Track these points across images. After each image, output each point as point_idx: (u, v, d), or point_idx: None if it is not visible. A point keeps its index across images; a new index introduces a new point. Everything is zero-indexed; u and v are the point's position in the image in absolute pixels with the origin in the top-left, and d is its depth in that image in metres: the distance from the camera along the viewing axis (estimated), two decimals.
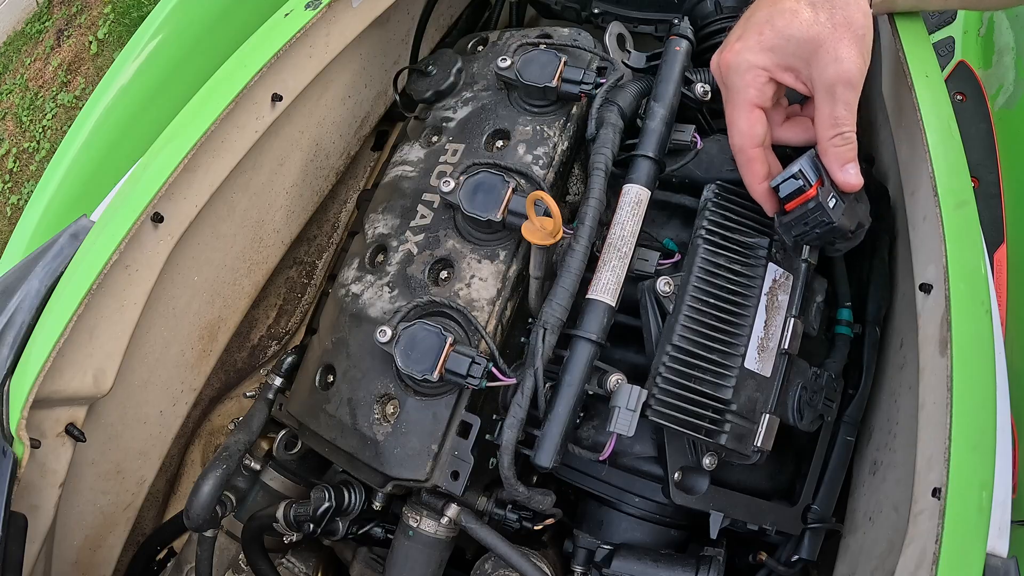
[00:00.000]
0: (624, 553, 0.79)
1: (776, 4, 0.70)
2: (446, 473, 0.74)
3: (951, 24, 1.39)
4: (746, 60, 0.71)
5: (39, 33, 3.53)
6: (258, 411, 0.92)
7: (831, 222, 0.70)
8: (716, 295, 0.75)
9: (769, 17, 0.70)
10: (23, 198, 3.18)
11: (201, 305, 0.98)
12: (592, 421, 0.82)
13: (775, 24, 0.69)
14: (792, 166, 0.70)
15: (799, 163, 0.70)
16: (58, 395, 0.78)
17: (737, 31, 0.73)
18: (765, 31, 0.70)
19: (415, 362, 0.72)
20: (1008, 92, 1.25)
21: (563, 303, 0.73)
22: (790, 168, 0.70)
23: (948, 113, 0.78)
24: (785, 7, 0.69)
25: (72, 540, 0.91)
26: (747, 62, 0.70)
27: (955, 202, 0.73)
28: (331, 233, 1.23)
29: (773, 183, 0.71)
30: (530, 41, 0.90)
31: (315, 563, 0.98)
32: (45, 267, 0.82)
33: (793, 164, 0.70)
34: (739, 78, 0.71)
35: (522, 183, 0.80)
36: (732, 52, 0.72)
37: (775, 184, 0.71)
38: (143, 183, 0.81)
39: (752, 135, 0.72)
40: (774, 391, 0.75)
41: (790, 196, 0.71)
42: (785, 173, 0.70)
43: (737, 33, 0.73)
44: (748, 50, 0.70)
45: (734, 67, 0.71)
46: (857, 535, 0.81)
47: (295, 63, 0.91)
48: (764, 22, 0.70)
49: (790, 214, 0.72)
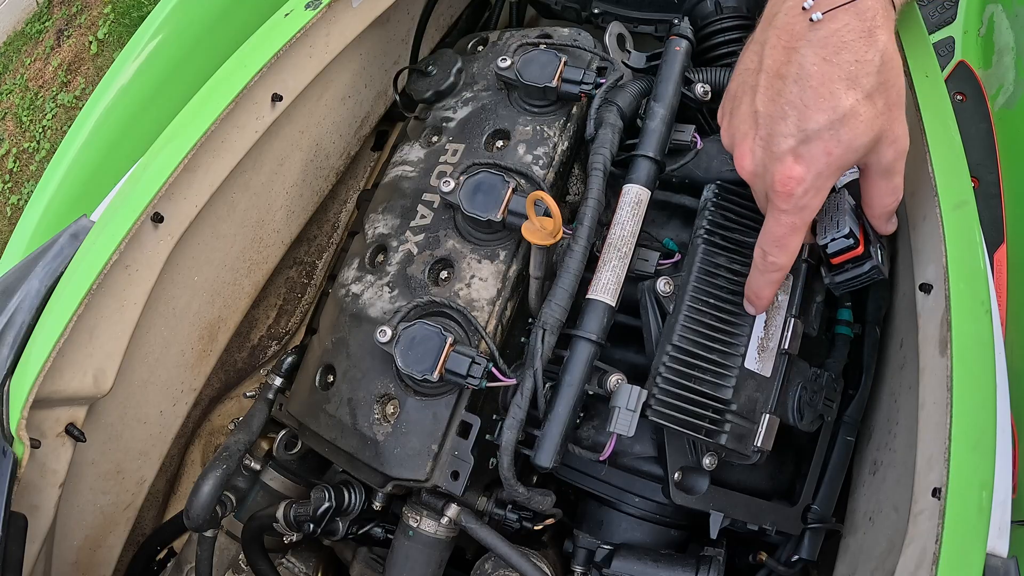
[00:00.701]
0: (624, 553, 0.79)
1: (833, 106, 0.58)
2: (446, 473, 0.74)
3: (951, 24, 1.39)
4: (820, 186, 0.61)
5: (39, 33, 3.53)
6: (258, 411, 0.92)
7: (882, 275, 0.71)
8: (716, 295, 0.75)
9: (832, 127, 0.58)
10: (23, 198, 3.18)
11: (201, 305, 0.98)
12: (592, 421, 0.82)
13: (841, 138, 0.58)
14: (839, 226, 0.68)
15: (847, 223, 0.68)
16: (58, 395, 0.78)
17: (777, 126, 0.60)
18: (833, 149, 0.59)
19: (415, 362, 0.72)
20: (1008, 92, 1.25)
21: (563, 303, 0.73)
22: (836, 227, 0.69)
23: (948, 113, 0.78)
24: (844, 108, 0.58)
25: (72, 540, 0.91)
26: (815, 189, 0.60)
27: (955, 202, 0.73)
28: (331, 233, 1.23)
29: (821, 241, 0.70)
30: (530, 41, 0.90)
31: (315, 563, 0.98)
32: (45, 267, 0.82)
33: (839, 223, 0.69)
34: (809, 201, 0.61)
35: (522, 183, 0.80)
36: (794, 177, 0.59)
37: (823, 243, 0.70)
38: (143, 183, 0.81)
39: (794, 254, 0.66)
40: (774, 391, 0.75)
41: (837, 253, 0.70)
42: (832, 231, 0.69)
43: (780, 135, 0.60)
44: (819, 177, 0.60)
45: (798, 195, 0.60)
46: (857, 535, 0.81)
47: (295, 63, 0.91)
48: (828, 133, 0.58)
49: (841, 271, 0.71)
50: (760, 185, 0.65)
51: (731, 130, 0.68)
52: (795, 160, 0.60)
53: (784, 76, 0.60)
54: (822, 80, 0.58)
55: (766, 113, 0.62)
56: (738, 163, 0.65)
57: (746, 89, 0.65)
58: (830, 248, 0.70)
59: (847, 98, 0.58)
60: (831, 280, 0.73)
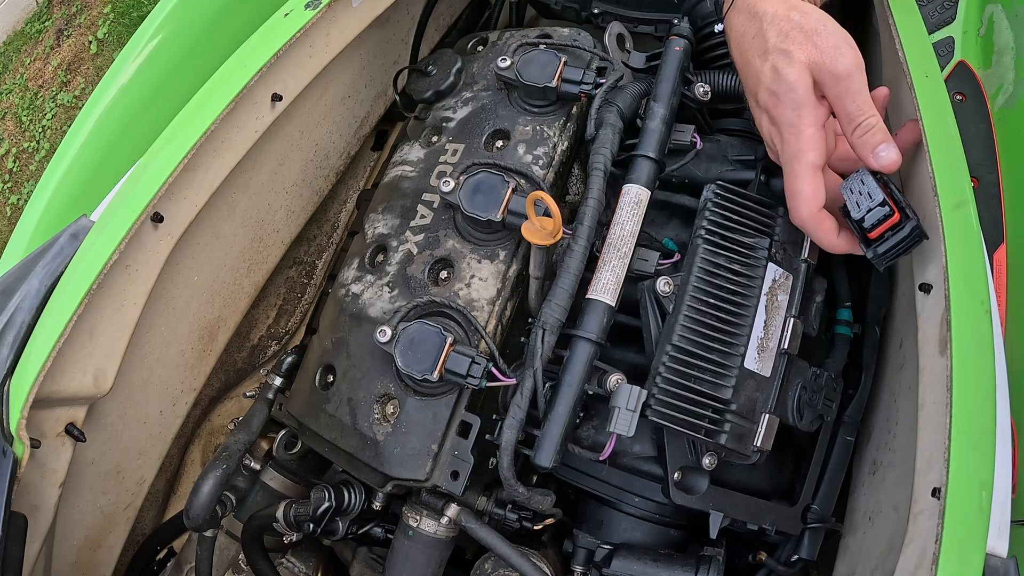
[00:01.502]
0: (624, 553, 0.79)
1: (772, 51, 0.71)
2: (446, 473, 0.74)
3: (951, 24, 1.39)
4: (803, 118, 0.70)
5: (39, 33, 3.53)
6: (258, 411, 0.92)
7: (924, 236, 0.70)
8: (716, 295, 0.75)
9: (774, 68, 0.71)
10: (23, 198, 3.18)
11: (201, 305, 0.98)
12: (592, 421, 0.82)
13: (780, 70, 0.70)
14: (871, 195, 0.69)
15: (879, 192, 0.69)
16: (58, 395, 0.78)
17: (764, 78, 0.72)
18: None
19: (415, 362, 0.72)
20: (1008, 92, 1.25)
21: (563, 303, 0.73)
22: (869, 198, 0.69)
23: (948, 113, 0.78)
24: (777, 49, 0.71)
25: (72, 540, 0.91)
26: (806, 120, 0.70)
27: (955, 202, 0.73)
28: (331, 233, 1.23)
29: (856, 216, 0.70)
30: (530, 41, 0.90)
31: (315, 563, 0.98)
32: (45, 267, 0.82)
33: (870, 194, 0.69)
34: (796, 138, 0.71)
35: (522, 183, 0.80)
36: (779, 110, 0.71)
37: (859, 217, 0.70)
38: (143, 183, 0.81)
39: (818, 199, 0.71)
40: (774, 391, 0.75)
41: (876, 224, 0.70)
42: (866, 203, 0.69)
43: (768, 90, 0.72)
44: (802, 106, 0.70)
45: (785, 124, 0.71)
46: (857, 535, 0.81)
47: (295, 63, 0.91)
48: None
49: (882, 241, 0.70)
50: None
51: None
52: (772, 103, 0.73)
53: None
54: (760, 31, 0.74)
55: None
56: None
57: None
58: (867, 220, 0.69)
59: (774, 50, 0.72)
60: (874, 254, 0.71)
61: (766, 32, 0.72)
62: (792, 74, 0.70)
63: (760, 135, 0.77)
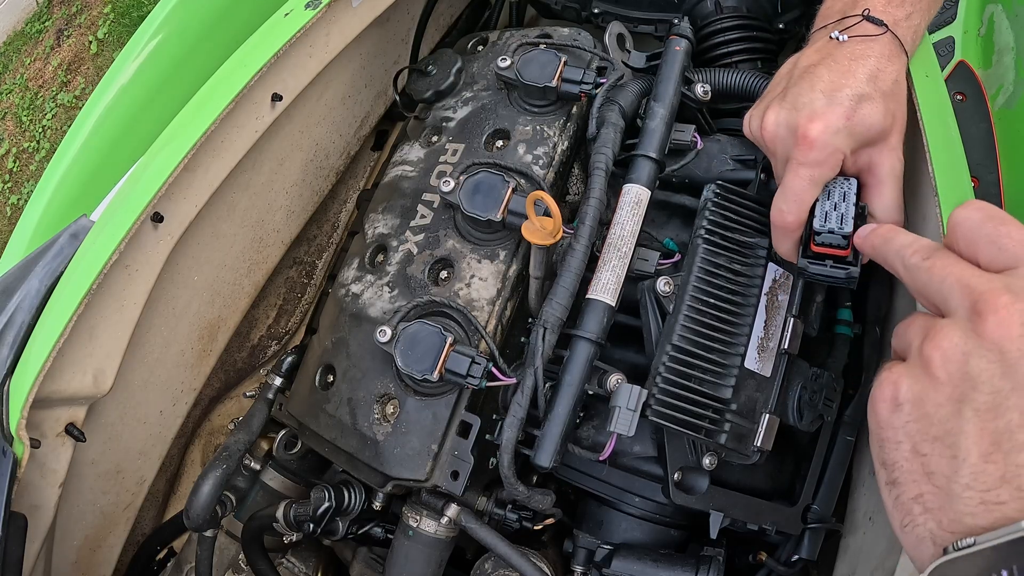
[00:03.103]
0: (624, 553, 0.79)
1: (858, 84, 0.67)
2: (446, 473, 0.74)
3: (951, 24, 1.39)
4: (835, 143, 0.67)
5: (39, 33, 3.53)
6: (258, 411, 0.92)
7: (852, 287, 0.70)
8: (716, 295, 0.75)
9: (853, 98, 0.67)
10: (23, 198, 3.18)
11: (201, 305, 0.98)
12: (592, 421, 0.82)
13: (859, 110, 0.67)
14: (842, 221, 0.68)
15: (851, 224, 0.67)
16: (58, 395, 0.78)
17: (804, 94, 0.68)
18: (852, 115, 0.67)
19: (415, 362, 0.72)
20: (1008, 92, 1.25)
21: (563, 303, 0.73)
22: (840, 222, 0.68)
23: (948, 113, 0.78)
24: (866, 89, 0.67)
25: (72, 540, 0.91)
26: (834, 146, 0.67)
27: (955, 202, 0.73)
28: (331, 233, 1.23)
29: (817, 225, 0.69)
30: (530, 41, 0.90)
31: (315, 563, 0.98)
32: (45, 267, 0.82)
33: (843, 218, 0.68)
34: (825, 157, 0.68)
35: (522, 183, 0.80)
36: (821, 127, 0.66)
37: (818, 228, 0.68)
38: (143, 183, 0.81)
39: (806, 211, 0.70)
40: (774, 391, 0.75)
41: (824, 244, 0.69)
42: (831, 221, 0.68)
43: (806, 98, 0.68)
44: (837, 133, 0.67)
45: (821, 145, 0.67)
46: (857, 535, 0.81)
47: (295, 63, 0.91)
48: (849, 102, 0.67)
49: (818, 262, 0.70)
50: (781, 147, 0.70)
51: (756, 109, 0.74)
52: (819, 116, 0.67)
53: (816, 65, 0.70)
54: (849, 69, 0.68)
55: (795, 87, 0.70)
56: (762, 124, 0.71)
57: (777, 83, 0.74)
58: (820, 238, 0.68)
59: (868, 86, 0.67)
60: (803, 264, 0.71)
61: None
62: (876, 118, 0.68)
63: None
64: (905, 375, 0.52)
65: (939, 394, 0.49)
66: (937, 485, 0.48)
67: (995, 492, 0.45)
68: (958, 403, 0.48)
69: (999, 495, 0.45)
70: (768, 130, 0.70)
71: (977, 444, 0.46)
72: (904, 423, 0.51)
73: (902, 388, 0.52)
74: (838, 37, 0.70)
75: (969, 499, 0.46)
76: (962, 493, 0.47)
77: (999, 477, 0.45)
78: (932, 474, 0.49)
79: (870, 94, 0.67)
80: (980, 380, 0.47)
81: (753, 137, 0.74)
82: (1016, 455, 0.45)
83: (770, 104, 0.71)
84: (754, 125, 0.73)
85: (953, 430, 0.48)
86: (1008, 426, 0.46)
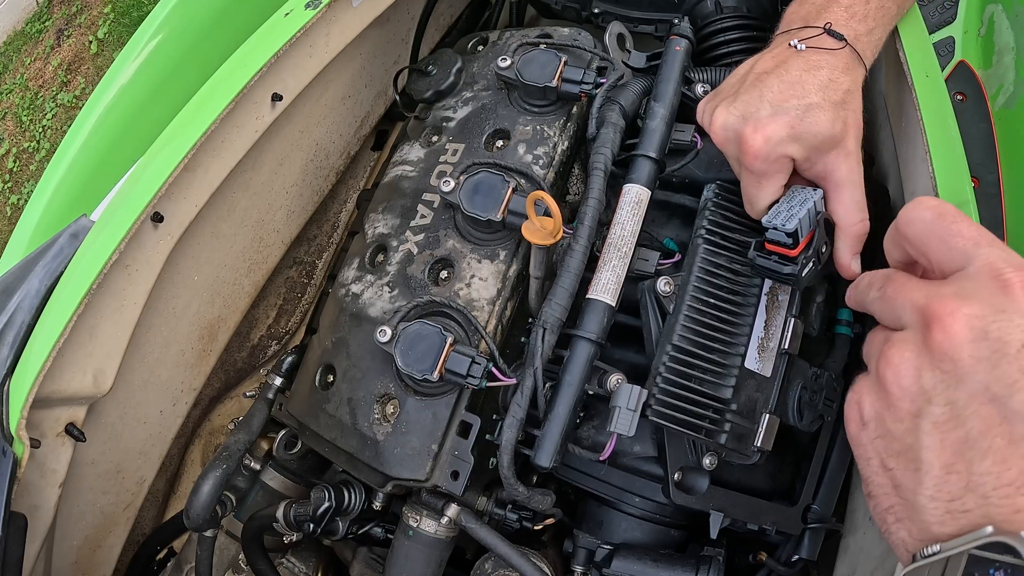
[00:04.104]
0: (624, 553, 0.79)
1: (804, 95, 0.68)
2: (446, 473, 0.74)
3: (951, 24, 1.39)
4: (779, 152, 0.68)
5: (39, 33, 3.53)
6: (258, 411, 0.92)
7: (796, 283, 0.73)
8: (716, 295, 0.75)
9: (799, 109, 0.68)
10: (23, 198, 3.18)
11: (201, 305, 0.98)
12: (592, 421, 0.82)
13: (805, 118, 0.67)
14: (788, 218, 0.69)
15: (796, 224, 0.68)
16: (58, 395, 0.78)
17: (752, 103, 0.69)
18: (796, 124, 0.67)
19: (415, 362, 0.72)
20: (1008, 92, 1.25)
21: (563, 303, 0.73)
22: (788, 220, 0.69)
23: (948, 113, 0.78)
24: (813, 100, 0.68)
25: (72, 540, 0.91)
26: (778, 153, 0.68)
27: (955, 202, 0.72)
28: (331, 233, 1.23)
29: (766, 222, 0.70)
30: (530, 41, 0.90)
31: (315, 563, 0.98)
32: (45, 267, 0.82)
33: (789, 215, 0.69)
34: (768, 166, 0.69)
35: (522, 183, 0.80)
36: (763, 138, 0.67)
37: (767, 224, 0.70)
38: (143, 183, 0.81)
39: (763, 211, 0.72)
40: (774, 391, 0.75)
41: (771, 241, 0.70)
42: (779, 219, 0.69)
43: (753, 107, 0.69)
44: (780, 142, 0.68)
45: (764, 156, 0.68)
46: (857, 535, 0.81)
47: (295, 63, 0.91)
48: (795, 112, 0.67)
49: (765, 255, 0.72)
50: (730, 148, 0.72)
51: (709, 103, 0.75)
52: (762, 126, 0.68)
53: (768, 74, 0.70)
54: (800, 80, 0.69)
55: (745, 94, 0.70)
56: (711, 123, 0.72)
57: (732, 83, 0.74)
58: (768, 234, 0.70)
59: (817, 96, 0.68)
60: (751, 254, 0.73)
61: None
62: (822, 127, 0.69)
63: None
64: (866, 392, 0.53)
65: (897, 411, 0.50)
66: (904, 497, 0.49)
67: (960, 501, 0.46)
68: (915, 418, 0.49)
69: (964, 503, 0.46)
70: (717, 132, 0.72)
71: (939, 456, 0.47)
72: (871, 440, 0.52)
73: (865, 406, 0.53)
74: (796, 46, 0.71)
75: (934, 510, 0.47)
76: (927, 504, 0.47)
77: (963, 487, 0.46)
78: (899, 487, 0.50)
79: (819, 103, 0.68)
80: (934, 393, 0.48)
81: (704, 128, 0.76)
82: (979, 463, 0.45)
83: (720, 104, 0.72)
84: (705, 120, 0.74)
85: (914, 445, 0.48)
86: (969, 435, 0.46)
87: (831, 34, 0.71)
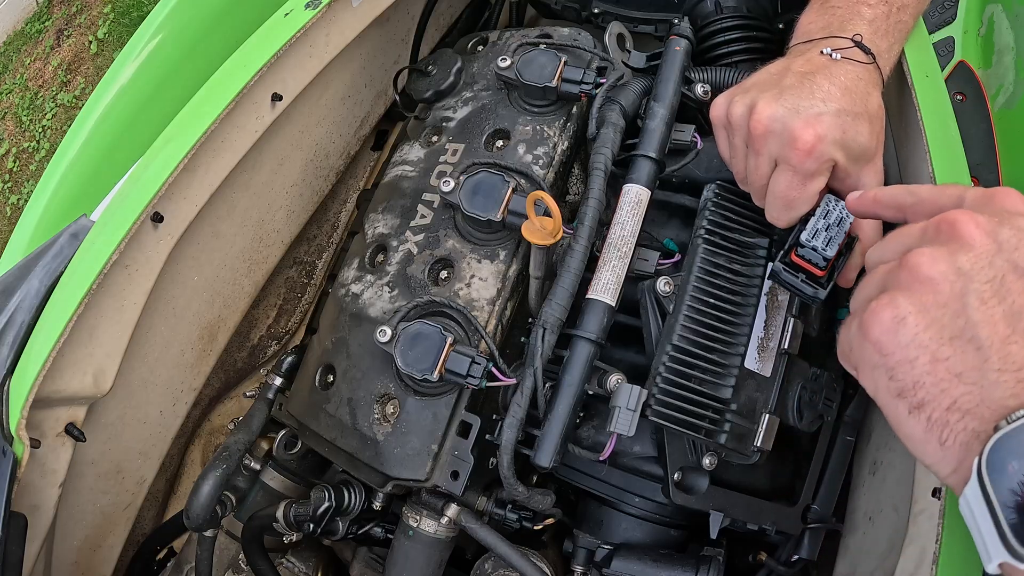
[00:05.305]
0: (624, 553, 0.79)
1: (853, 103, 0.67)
2: (446, 473, 0.74)
3: (951, 24, 1.39)
4: (829, 153, 0.67)
5: (39, 33, 3.53)
6: (258, 411, 0.92)
7: (814, 302, 0.71)
8: (716, 295, 0.75)
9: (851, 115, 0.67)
10: (23, 198, 3.18)
11: (201, 305, 0.98)
12: (592, 421, 0.82)
13: (856, 126, 0.67)
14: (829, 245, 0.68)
15: (836, 247, 0.68)
16: (58, 395, 0.78)
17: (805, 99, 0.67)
18: (847, 129, 0.66)
19: (415, 362, 0.72)
20: (1008, 92, 1.25)
21: (563, 303, 0.73)
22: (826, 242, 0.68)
23: (948, 113, 0.78)
24: (859, 109, 0.67)
25: (72, 540, 0.91)
26: (828, 156, 0.67)
27: None
28: (331, 233, 1.23)
29: (804, 237, 0.68)
30: (530, 41, 0.90)
31: (315, 563, 0.98)
32: (45, 267, 0.82)
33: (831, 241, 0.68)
34: (818, 165, 0.67)
35: (522, 183, 0.80)
36: (815, 135, 0.65)
37: (805, 239, 0.68)
38: (143, 183, 0.81)
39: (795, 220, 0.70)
40: (774, 391, 0.75)
41: (804, 258, 0.69)
42: (819, 239, 0.68)
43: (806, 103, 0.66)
44: (833, 144, 0.66)
45: (816, 154, 0.66)
46: (857, 535, 0.81)
47: (295, 63, 0.91)
48: (847, 117, 0.67)
49: (792, 271, 0.70)
50: (772, 144, 0.68)
51: (737, 95, 0.71)
52: (816, 122, 0.66)
53: (813, 73, 0.69)
54: (846, 85, 0.68)
55: (794, 89, 0.68)
56: (753, 115, 0.68)
57: (765, 79, 0.71)
58: (803, 251, 0.69)
59: (861, 105, 0.68)
60: (778, 268, 0.70)
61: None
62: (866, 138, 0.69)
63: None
64: (896, 291, 0.52)
65: (940, 295, 0.49)
66: (970, 382, 0.48)
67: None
68: (962, 297, 0.48)
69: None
70: (762, 123, 0.67)
71: (995, 330, 0.47)
72: (913, 336, 0.50)
73: (900, 303, 0.51)
74: (831, 54, 0.70)
75: (1005, 382, 0.47)
76: (998, 379, 0.47)
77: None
78: (960, 374, 0.48)
79: (862, 113, 0.68)
80: (973, 272, 0.49)
81: (723, 122, 0.72)
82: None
83: (763, 96, 0.68)
84: (736, 111, 0.70)
85: (967, 324, 0.48)
86: (1012, 308, 0.47)
87: (861, 48, 0.70)
